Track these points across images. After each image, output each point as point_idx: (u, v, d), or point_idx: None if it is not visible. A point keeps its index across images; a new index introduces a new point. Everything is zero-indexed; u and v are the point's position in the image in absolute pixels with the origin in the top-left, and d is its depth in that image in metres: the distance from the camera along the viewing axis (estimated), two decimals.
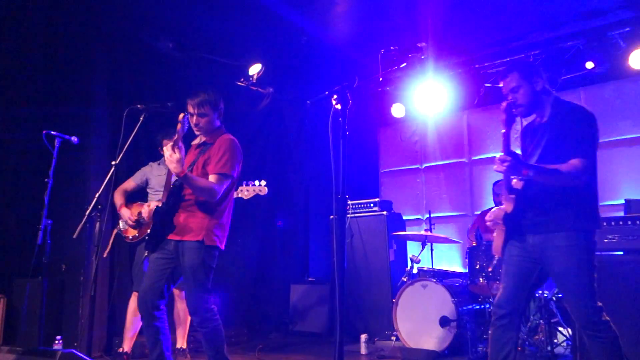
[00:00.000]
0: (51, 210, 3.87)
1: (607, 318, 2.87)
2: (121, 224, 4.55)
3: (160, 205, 3.45)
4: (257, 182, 4.49)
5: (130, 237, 4.53)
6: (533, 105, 3.16)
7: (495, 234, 3.29)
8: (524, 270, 3.06)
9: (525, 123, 3.32)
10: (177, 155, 3.20)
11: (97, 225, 3.55)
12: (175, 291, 4.70)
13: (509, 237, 3.14)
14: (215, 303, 3.46)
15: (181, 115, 3.41)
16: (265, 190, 4.46)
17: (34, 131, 4.33)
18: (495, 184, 5.72)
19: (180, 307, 4.74)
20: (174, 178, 3.48)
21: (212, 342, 3.37)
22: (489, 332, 3.12)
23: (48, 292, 3.96)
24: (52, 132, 3.98)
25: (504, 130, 3.02)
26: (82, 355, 2.07)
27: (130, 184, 4.64)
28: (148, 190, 4.68)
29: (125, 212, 4.38)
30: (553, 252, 2.93)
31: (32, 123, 5.04)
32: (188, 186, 3.35)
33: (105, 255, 4.59)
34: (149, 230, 4.42)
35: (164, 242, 3.41)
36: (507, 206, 3.09)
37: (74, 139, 4.11)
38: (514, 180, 3.10)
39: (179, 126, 3.40)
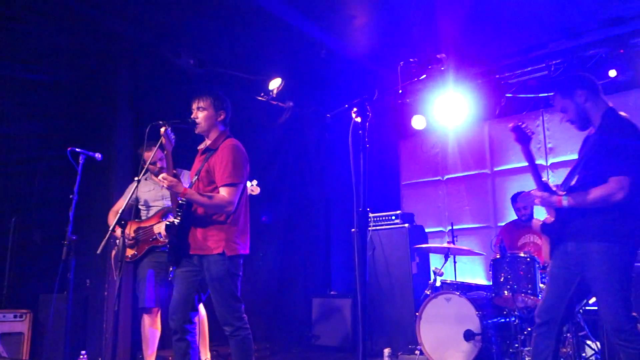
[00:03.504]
0: (76, 226, 3.92)
1: None
2: (119, 244, 4.56)
3: (170, 221, 3.41)
4: (248, 183, 4.43)
5: (130, 256, 4.48)
6: (583, 119, 3.23)
7: (542, 241, 3.50)
8: (564, 281, 3.14)
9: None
10: (167, 182, 3.24)
11: (120, 240, 3.57)
12: None
13: (553, 248, 3.23)
14: None
15: (162, 129, 3.34)
16: (257, 190, 4.39)
17: (58, 149, 4.41)
18: (513, 197, 5.67)
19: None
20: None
21: (242, 352, 3.34)
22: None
23: (73, 307, 3.99)
24: (77, 149, 4.06)
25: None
26: None
27: (121, 203, 4.60)
28: (140, 207, 4.66)
29: (119, 233, 4.37)
30: (588, 258, 3.01)
31: (57, 141, 5.14)
32: (196, 205, 3.36)
33: (115, 277, 4.61)
34: (147, 247, 4.47)
35: (186, 256, 3.41)
36: (549, 217, 3.26)
37: (97, 155, 4.18)
38: (547, 217, 3.29)
39: (163, 140, 3.35)
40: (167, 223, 3.40)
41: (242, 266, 3.43)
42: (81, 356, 4.52)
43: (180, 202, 3.38)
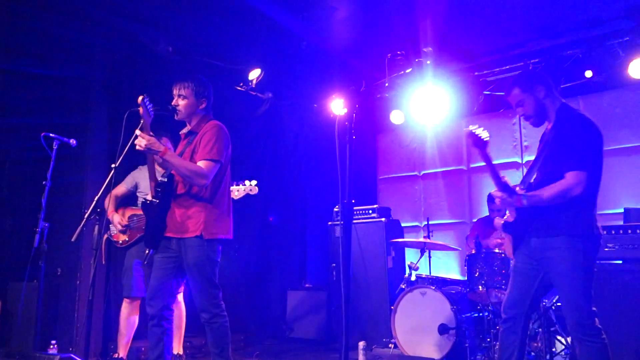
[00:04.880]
0: (49, 213, 3.82)
1: (599, 326, 2.94)
2: (112, 229, 4.51)
3: (149, 200, 3.32)
4: (247, 182, 4.39)
5: (121, 241, 4.47)
6: (541, 114, 3.27)
7: (505, 240, 3.47)
8: (528, 276, 3.19)
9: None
10: (144, 141, 3.13)
11: (96, 229, 3.49)
12: None
13: (516, 245, 3.28)
14: None
15: (140, 98, 3.26)
16: (255, 190, 4.37)
17: (33, 135, 4.30)
18: (490, 194, 5.72)
19: (176, 312, 4.68)
20: (159, 173, 3.40)
21: (219, 339, 3.31)
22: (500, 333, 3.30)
23: (44, 296, 3.89)
24: (51, 135, 3.95)
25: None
26: None
27: (121, 189, 4.59)
28: (138, 194, 4.62)
29: (115, 217, 4.36)
30: (551, 254, 3.05)
31: (32, 127, 5.01)
32: (172, 168, 3.25)
33: (103, 262, 4.55)
34: (139, 235, 4.39)
35: (164, 240, 3.33)
36: (510, 216, 3.29)
37: (72, 141, 4.08)
38: (508, 216, 3.32)
39: (140, 110, 3.25)
40: (145, 201, 3.32)
41: (220, 252, 3.38)
42: (51, 346, 4.43)
43: (160, 180, 3.32)
